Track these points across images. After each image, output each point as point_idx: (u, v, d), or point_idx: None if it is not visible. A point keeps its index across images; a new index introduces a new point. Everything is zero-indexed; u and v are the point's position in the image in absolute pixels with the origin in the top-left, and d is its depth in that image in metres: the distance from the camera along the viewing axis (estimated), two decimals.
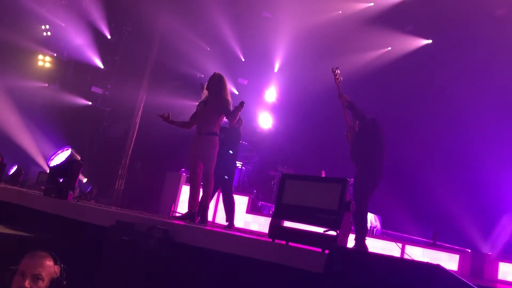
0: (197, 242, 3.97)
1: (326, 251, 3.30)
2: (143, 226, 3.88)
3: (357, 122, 5.91)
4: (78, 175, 5.41)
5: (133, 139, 11.85)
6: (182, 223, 4.96)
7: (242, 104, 5.89)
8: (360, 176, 5.64)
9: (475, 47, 9.31)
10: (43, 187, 6.03)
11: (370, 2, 10.38)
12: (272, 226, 3.83)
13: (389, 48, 10.91)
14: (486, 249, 8.24)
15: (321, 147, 10.62)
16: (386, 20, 10.20)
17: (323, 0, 10.38)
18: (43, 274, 2.91)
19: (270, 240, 3.76)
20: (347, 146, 6.03)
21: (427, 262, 2.54)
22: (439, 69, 9.91)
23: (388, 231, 8.67)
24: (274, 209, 3.95)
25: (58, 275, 2.99)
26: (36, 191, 6.33)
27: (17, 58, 11.94)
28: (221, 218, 7.88)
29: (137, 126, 11.86)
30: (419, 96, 9.93)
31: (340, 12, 10.77)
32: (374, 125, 5.76)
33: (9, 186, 6.76)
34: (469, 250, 7.58)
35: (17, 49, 11.78)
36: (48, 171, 5.80)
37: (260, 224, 8.15)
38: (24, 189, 6.74)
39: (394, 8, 10.01)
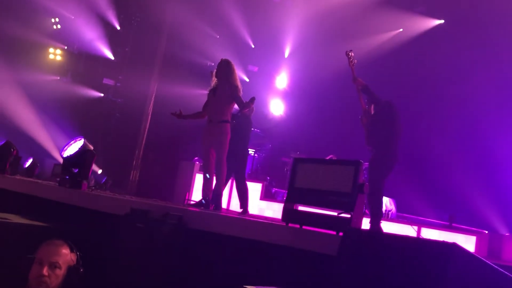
0: (211, 228, 3.98)
1: (340, 234, 3.28)
2: (157, 213, 3.90)
3: (372, 105, 5.86)
4: (91, 164, 5.46)
5: (146, 129, 11.90)
6: (196, 210, 4.98)
7: (253, 100, 5.89)
8: (376, 159, 5.60)
9: (488, 26, 9.11)
10: (58, 179, 6.10)
11: None
12: (285, 210, 3.82)
13: (401, 29, 10.73)
14: (503, 230, 8.15)
15: (334, 132, 10.55)
16: (397, 2, 10.02)
17: None
18: (60, 262, 2.96)
19: (284, 224, 3.75)
20: (360, 131, 5.98)
21: (443, 241, 2.51)
22: (453, 50, 9.71)
23: (403, 214, 8.62)
24: (287, 193, 3.93)
25: (75, 262, 3.04)
26: (51, 183, 6.40)
27: (28, 52, 12.02)
28: (235, 205, 7.90)
29: (150, 116, 11.90)
30: (432, 78, 9.78)
31: None
32: (390, 107, 5.71)
33: (25, 178, 6.86)
34: (486, 232, 7.51)
35: (27, 43, 11.85)
36: (62, 163, 5.85)
37: (274, 210, 8.16)
38: (39, 181, 6.83)
39: None
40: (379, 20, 10.37)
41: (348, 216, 3.42)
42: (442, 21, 10.27)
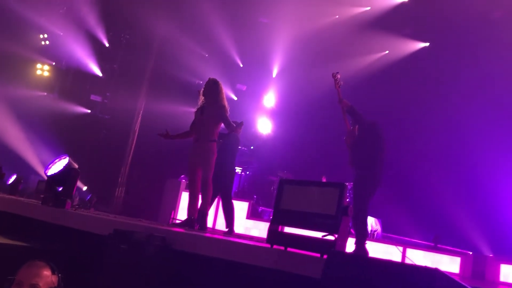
0: (196, 249, 3.95)
1: (325, 256, 3.29)
2: (141, 234, 3.86)
3: (357, 126, 5.91)
4: (76, 183, 5.41)
5: (133, 146, 11.85)
6: (181, 230, 4.95)
7: (241, 124, 5.96)
8: (359, 180, 5.63)
9: (472, 49, 9.33)
10: (42, 196, 6.02)
11: (367, 7, 10.40)
12: (270, 231, 3.82)
13: (387, 51, 10.92)
14: (487, 251, 8.22)
15: (321, 151, 10.61)
16: (383, 24, 10.21)
17: (319, 5, 10.38)
18: (41, 284, 2.90)
19: (269, 246, 3.74)
20: (346, 151, 6.02)
21: (426, 266, 2.53)
22: (438, 72, 9.92)
23: (389, 235, 8.64)
24: (273, 214, 3.93)
25: (56, 285, 2.98)
26: (34, 200, 6.32)
27: (16, 67, 11.96)
28: (221, 224, 7.85)
29: (136, 133, 11.86)
30: (418, 99, 9.92)
31: (337, 16, 10.79)
32: (374, 127, 5.76)
33: (7, 196, 6.75)
34: (470, 253, 7.56)
35: (15, 58, 11.79)
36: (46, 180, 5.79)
37: (261, 229, 8.12)
38: (22, 198, 6.73)
39: (391, 12, 10.03)
40: (365, 41, 10.55)
41: (333, 238, 3.43)
42: (427, 44, 10.48)
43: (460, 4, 9.05)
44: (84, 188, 11.29)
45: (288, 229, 3.95)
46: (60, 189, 5.37)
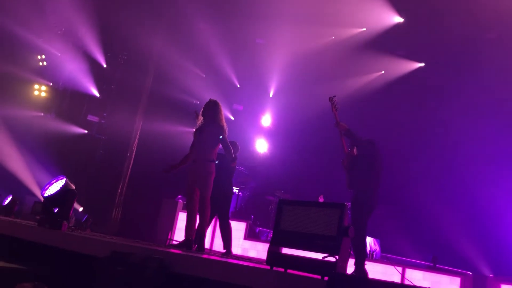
0: (193, 272, 3.89)
1: (326, 278, 3.24)
2: (138, 256, 3.81)
3: (355, 147, 5.92)
4: (72, 204, 5.36)
5: (130, 167, 11.79)
6: (178, 251, 4.89)
7: (233, 144, 6.08)
8: (357, 200, 5.62)
9: (466, 69, 9.43)
10: (38, 217, 5.96)
11: (363, 28, 10.52)
12: (270, 253, 3.77)
13: (383, 71, 11.02)
14: (487, 271, 8.16)
15: (318, 171, 10.60)
16: (379, 45, 10.32)
17: (315, 26, 10.50)
18: None
19: (268, 267, 3.69)
20: (344, 170, 6.01)
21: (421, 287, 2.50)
22: (434, 91, 10.00)
23: (388, 255, 8.57)
24: (272, 235, 3.89)
25: None
26: (31, 222, 6.25)
27: (13, 88, 11.96)
28: (218, 245, 7.78)
29: (134, 154, 11.82)
30: (415, 118, 9.98)
31: (333, 37, 10.90)
32: (372, 145, 5.77)
33: (3, 217, 6.68)
34: (470, 273, 7.50)
35: (13, 79, 11.81)
36: (42, 201, 5.73)
37: (258, 250, 8.05)
38: (18, 220, 6.66)
39: (386, 33, 10.13)
40: (361, 62, 10.65)
41: (333, 260, 3.39)
42: (422, 64, 10.58)
43: (454, 25, 9.17)
44: (80, 209, 11.19)
45: (288, 250, 3.90)
46: (57, 210, 5.31)
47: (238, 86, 12.58)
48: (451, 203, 8.94)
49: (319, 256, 3.51)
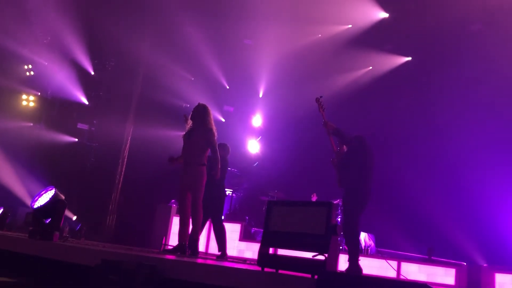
0: (187, 277, 3.89)
1: (316, 277, 3.25)
2: (129, 263, 3.80)
3: (344, 146, 5.94)
4: (63, 214, 5.33)
5: (122, 173, 11.75)
6: (171, 257, 4.89)
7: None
8: (348, 197, 5.63)
9: (452, 61, 9.49)
10: (31, 228, 5.92)
11: (348, 24, 10.55)
12: (260, 254, 3.78)
13: (370, 67, 11.06)
14: (481, 261, 8.22)
15: (311, 169, 10.61)
16: (366, 41, 10.36)
17: (302, 24, 10.52)
18: None
19: (260, 269, 3.70)
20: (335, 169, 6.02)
21: (415, 281, 2.51)
22: (422, 84, 10.05)
23: (383, 249, 8.61)
24: (262, 237, 3.90)
25: None
26: (22, 234, 6.21)
27: (1, 99, 11.89)
28: (213, 248, 7.77)
29: (125, 159, 11.78)
30: (405, 112, 10.02)
31: (320, 35, 10.93)
32: (362, 142, 5.78)
33: None
34: (465, 263, 7.55)
35: (0, 90, 11.74)
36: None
37: (254, 251, 8.05)
38: (9, 233, 6.61)
39: (372, 28, 10.18)
40: (349, 58, 10.68)
41: (323, 258, 3.40)
42: (409, 58, 10.63)
43: (439, 18, 9.22)
44: (74, 217, 11.13)
45: (279, 251, 3.91)
46: (48, 221, 5.28)
47: (228, 87, 12.57)
48: (444, 196, 9.00)
49: (309, 255, 3.52)
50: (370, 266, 7.23)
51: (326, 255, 3.37)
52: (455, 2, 8.82)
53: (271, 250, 3.94)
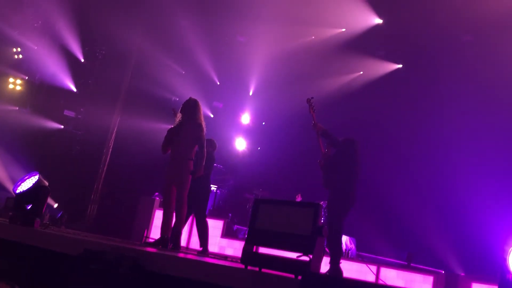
0: (168, 271, 3.87)
1: (299, 277, 3.27)
2: (111, 254, 3.77)
3: (332, 148, 5.97)
4: (45, 201, 5.26)
5: (106, 163, 11.64)
6: (153, 250, 4.86)
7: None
8: (333, 199, 5.67)
9: (443, 71, 9.61)
10: (10, 214, 5.84)
11: (342, 28, 10.60)
12: (245, 252, 3.78)
13: (361, 72, 11.13)
14: (459, 270, 8.34)
15: (297, 169, 10.66)
16: (358, 45, 10.42)
17: (296, 25, 10.53)
18: None
19: (243, 266, 3.70)
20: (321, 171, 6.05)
21: (394, 287, 2.54)
22: (411, 92, 10.15)
23: (363, 254, 8.68)
24: (247, 234, 3.90)
25: None
26: (2, 219, 6.11)
27: None
28: (195, 243, 7.75)
29: (110, 150, 11.67)
30: (392, 119, 10.12)
31: (313, 37, 10.95)
32: (350, 145, 5.82)
33: None
34: (443, 272, 7.66)
35: None
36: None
37: (235, 248, 8.05)
38: None
39: (366, 34, 10.23)
40: (340, 62, 10.73)
41: (307, 259, 3.41)
42: (400, 66, 10.73)
43: (432, 27, 9.32)
44: (55, 205, 11.00)
45: (263, 249, 3.91)
46: (29, 207, 5.21)
47: (218, 83, 12.54)
48: (426, 203, 9.11)
49: (293, 255, 3.53)
50: (350, 269, 7.27)
51: (311, 256, 3.38)
52: (448, 14, 8.91)
53: (254, 248, 3.93)
